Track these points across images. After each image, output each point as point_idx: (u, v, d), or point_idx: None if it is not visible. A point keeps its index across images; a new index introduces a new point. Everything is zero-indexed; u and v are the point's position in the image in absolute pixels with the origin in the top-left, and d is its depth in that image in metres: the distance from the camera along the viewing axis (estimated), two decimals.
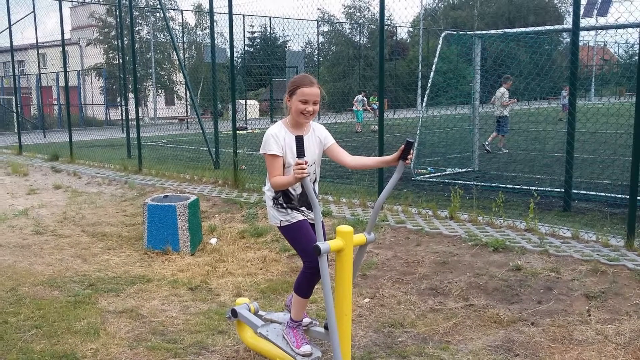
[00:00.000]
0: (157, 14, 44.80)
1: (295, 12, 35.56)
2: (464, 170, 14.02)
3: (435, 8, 71.62)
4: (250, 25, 52.77)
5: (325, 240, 4.11)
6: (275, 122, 4.60)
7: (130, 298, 6.54)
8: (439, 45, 13.91)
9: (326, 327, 4.57)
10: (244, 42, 48.66)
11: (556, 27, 16.13)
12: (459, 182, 11.56)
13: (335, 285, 4.14)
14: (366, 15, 60.18)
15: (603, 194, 10.35)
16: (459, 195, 8.75)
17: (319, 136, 4.55)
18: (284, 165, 4.38)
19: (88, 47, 47.12)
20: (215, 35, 15.29)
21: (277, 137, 4.36)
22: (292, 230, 4.52)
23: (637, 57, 15.34)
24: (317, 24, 47.87)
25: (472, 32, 14.58)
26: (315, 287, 4.55)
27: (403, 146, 4.11)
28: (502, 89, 17.46)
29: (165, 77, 47.27)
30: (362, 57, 52.74)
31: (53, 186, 13.70)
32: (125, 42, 20.49)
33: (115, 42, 39.34)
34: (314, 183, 4.55)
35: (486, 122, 18.08)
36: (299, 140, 3.94)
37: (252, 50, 56.46)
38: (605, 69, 39.90)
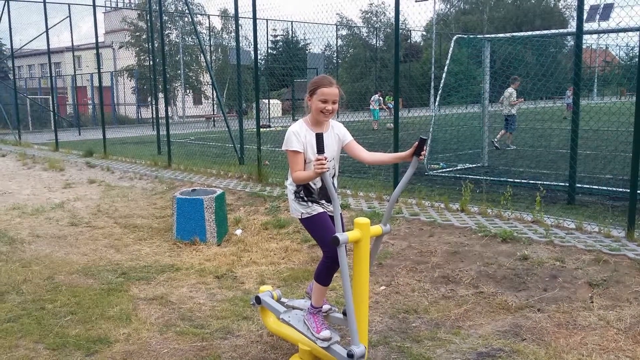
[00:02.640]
0: (186, 19, 44.96)
1: (316, 16, 35.45)
2: (474, 165, 13.97)
3: (447, 13, 71.31)
4: (273, 29, 52.71)
5: (343, 231, 4.10)
6: (297, 120, 4.59)
7: (160, 286, 6.57)
8: (451, 48, 13.83)
9: (344, 313, 4.57)
10: (267, 45, 48.59)
11: (561, 31, 16.06)
12: (470, 176, 11.52)
13: (353, 274, 4.13)
14: (382, 20, 60.11)
15: (605, 187, 10.26)
16: (469, 189, 8.71)
17: (337, 133, 4.54)
18: (305, 160, 4.37)
19: (120, 49, 47.33)
20: (240, 38, 15.32)
21: (299, 135, 4.35)
22: (312, 222, 4.51)
23: (637, 59, 15.20)
24: (336, 28, 47.74)
25: (482, 36, 14.51)
26: (334, 275, 4.54)
27: (417, 143, 4.09)
28: (510, 89, 17.41)
29: (193, 78, 47.37)
30: (378, 59, 52.63)
31: (87, 180, 13.77)
32: (156, 45, 20.50)
33: (146, 45, 39.45)
34: (333, 177, 4.54)
35: (495, 121, 17.95)
36: (319, 138, 3.93)
37: (274, 52, 56.32)
38: (607, 70, 39.60)
